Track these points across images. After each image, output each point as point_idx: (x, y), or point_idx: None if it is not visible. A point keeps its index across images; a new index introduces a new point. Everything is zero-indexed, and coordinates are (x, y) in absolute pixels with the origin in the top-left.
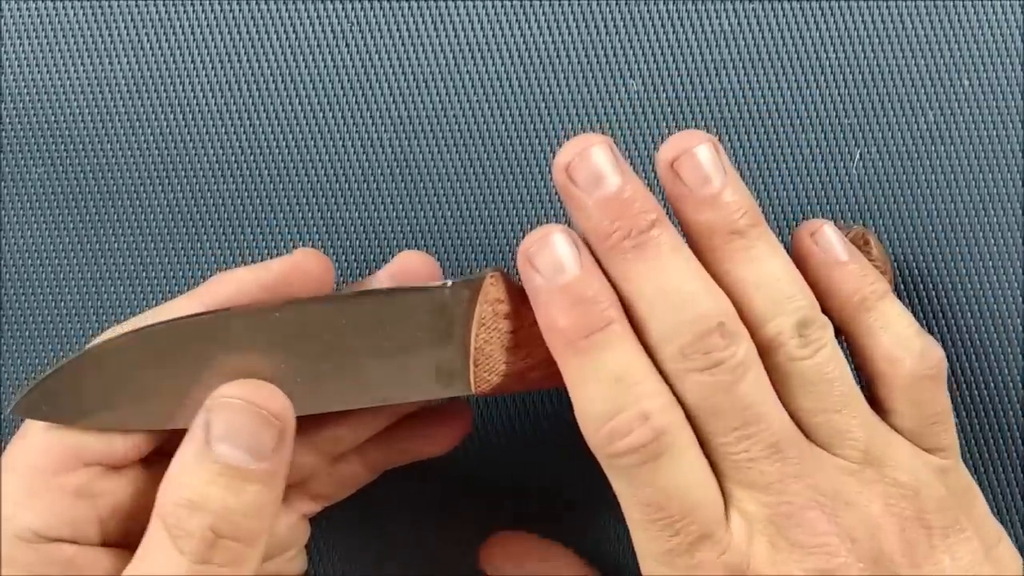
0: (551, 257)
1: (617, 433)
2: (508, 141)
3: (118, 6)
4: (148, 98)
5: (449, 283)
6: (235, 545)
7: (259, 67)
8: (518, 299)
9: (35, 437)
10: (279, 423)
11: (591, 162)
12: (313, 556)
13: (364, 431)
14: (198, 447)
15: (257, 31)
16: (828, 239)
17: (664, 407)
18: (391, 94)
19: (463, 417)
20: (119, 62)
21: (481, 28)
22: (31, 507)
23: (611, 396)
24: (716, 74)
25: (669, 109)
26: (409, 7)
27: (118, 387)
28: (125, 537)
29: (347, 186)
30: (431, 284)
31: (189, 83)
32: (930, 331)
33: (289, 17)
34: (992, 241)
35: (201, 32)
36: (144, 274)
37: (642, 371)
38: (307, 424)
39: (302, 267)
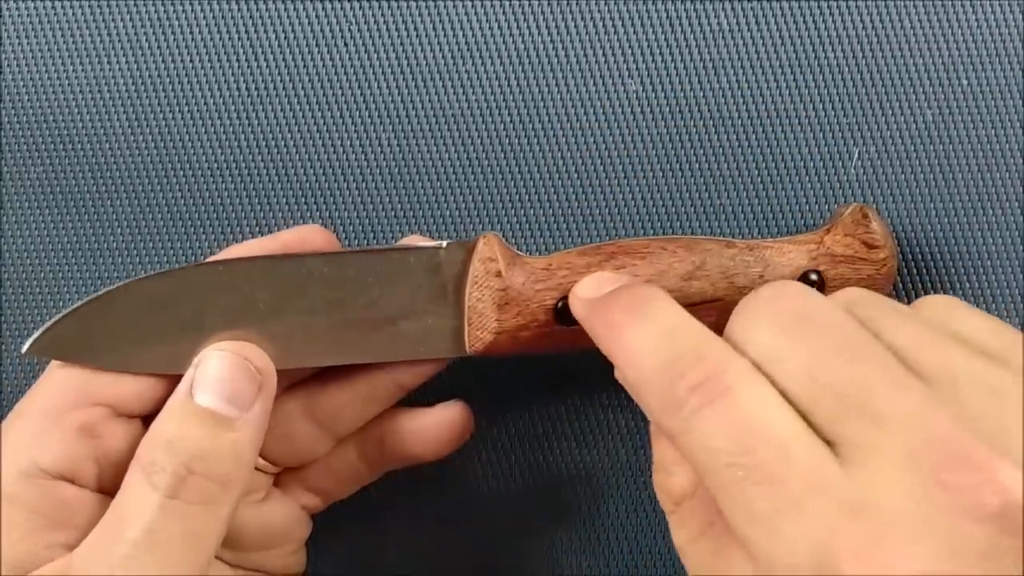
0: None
1: (677, 372)
2: (507, 140)
3: (117, 5)
4: (148, 97)
5: (444, 244)
6: (207, 484)
7: (258, 67)
8: (509, 259)
9: (51, 377)
10: (260, 377)
11: None
12: (312, 557)
13: (364, 408)
14: (182, 397)
15: (256, 31)
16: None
17: (722, 347)
18: (390, 93)
19: (463, 422)
20: (119, 61)
21: (480, 27)
22: (38, 442)
23: (664, 345)
24: (715, 73)
25: (668, 108)
26: (408, 6)
27: (127, 330)
28: (118, 486)
29: (346, 186)
30: (427, 244)
31: (188, 82)
32: None
33: (288, 17)
34: (991, 240)
35: (200, 31)
36: (144, 273)
37: (694, 325)
38: (308, 393)
39: (308, 240)
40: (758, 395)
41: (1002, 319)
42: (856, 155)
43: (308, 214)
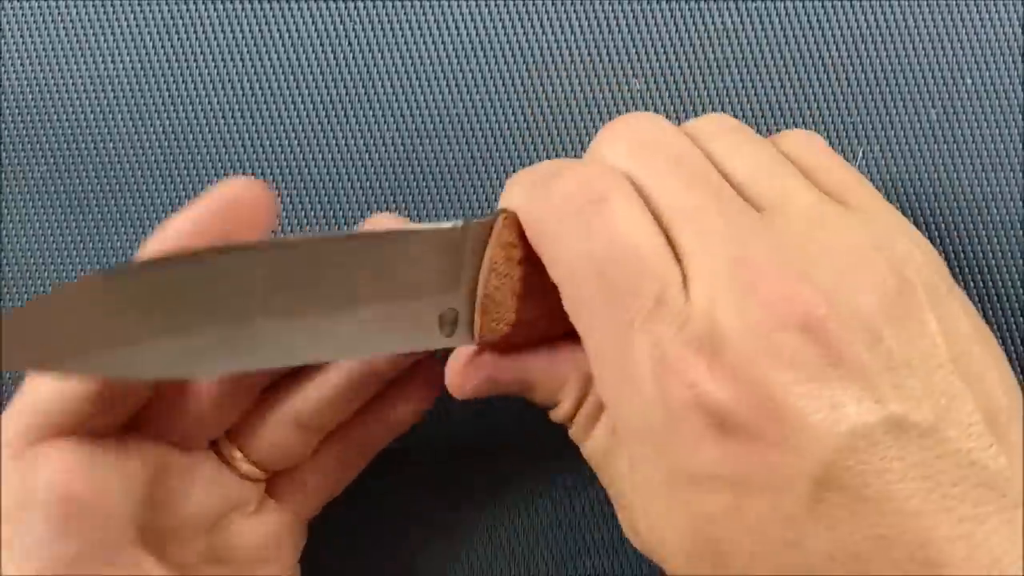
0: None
1: (560, 181)
2: (511, 139)
3: (121, 4)
4: (151, 95)
5: (460, 223)
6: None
7: (262, 66)
8: (531, 245)
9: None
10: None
11: None
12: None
13: (345, 403)
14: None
15: (260, 30)
16: None
17: (604, 166)
18: (394, 92)
19: (434, 372)
20: (121, 59)
21: (484, 26)
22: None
23: (557, 164)
24: (719, 72)
25: (671, 108)
26: (412, 5)
27: (94, 331)
28: None
29: (350, 185)
30: (442, 225)
31: (191, 81)
32: None
33: (292, 16)
34: (995, 239)
35: (204, 31)
36: None
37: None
38: (285, 395)
39: (238, 202)
40: (630, 207)
41: (1007, 318)
42: (860, 154)
43: (311, 213)
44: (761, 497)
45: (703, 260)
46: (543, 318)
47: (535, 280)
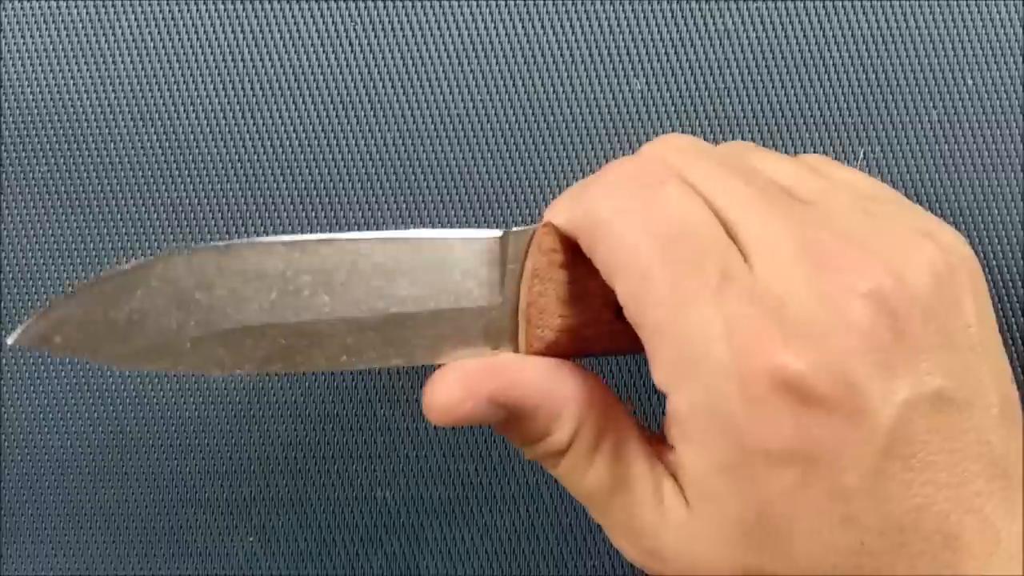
0: None
1: (613, 171)
2: (512, 139)
3: (122, 4)
4: (152, 96)
5: (500, 233)
6: None
7: (263, 65)
8: (572, 249)
9: None
10: None
11: None
12: (300, 551)
13: None
14: None
15: (261, 30)
16: None
17: (653, 157)
18: (395, 92)
19: None
20: (122, 60)
21: (484, 27)
22: None
23: (594, 175)
24: (720, 73)
25: (672, 108)
26: (413, 5)
27: (143, 319)
28: None
29: (351, 185)
30: (483, 234)
31: (194, 82)
32: None
33: (293, 16)
34: (996, 240)
35: (206, 31)
36: None
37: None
38: None
39: None
40: (686, 192)
41: (1008, 319)
42: (861, 155)
43: (313, 213)
44: (828, 471)
45: (765, 240)
46: (587, 326)
47: (579, 286)
